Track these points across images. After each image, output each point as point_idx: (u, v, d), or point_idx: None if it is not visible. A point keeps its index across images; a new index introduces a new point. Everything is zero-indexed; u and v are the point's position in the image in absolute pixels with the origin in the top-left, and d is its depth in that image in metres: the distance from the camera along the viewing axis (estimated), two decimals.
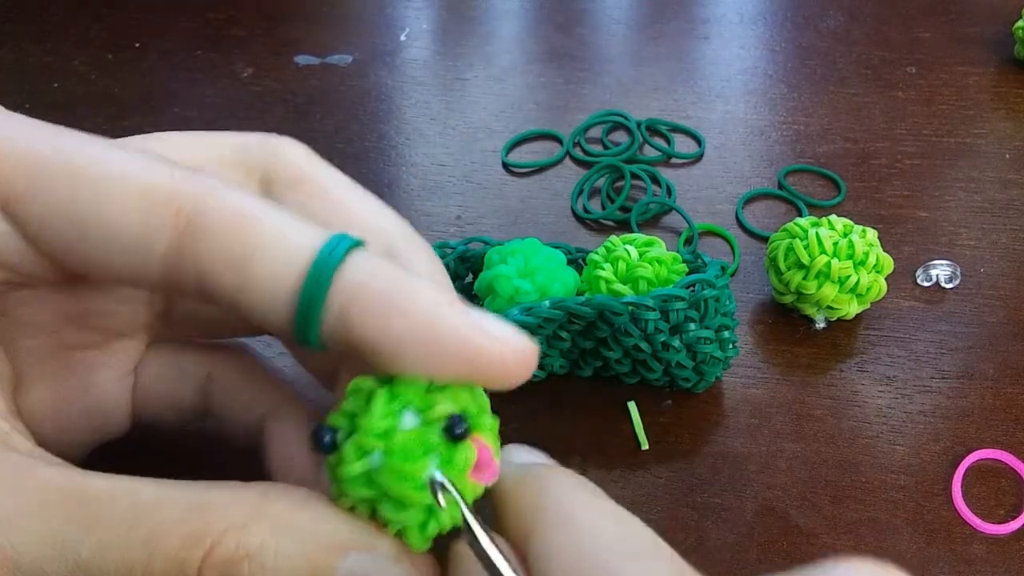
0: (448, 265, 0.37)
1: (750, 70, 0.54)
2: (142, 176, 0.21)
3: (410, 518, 0.19)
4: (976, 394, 0.35)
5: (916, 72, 0.53)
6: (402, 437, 0.19)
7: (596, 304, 0.32)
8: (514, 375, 0.20)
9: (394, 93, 0.53)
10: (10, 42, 0.58)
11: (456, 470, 0.19)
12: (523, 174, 0.47)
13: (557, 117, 0.51)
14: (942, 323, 0.38)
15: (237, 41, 0.57)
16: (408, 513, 0.19)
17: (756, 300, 0.40)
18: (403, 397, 0.19)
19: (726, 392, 0.36)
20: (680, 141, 0.49)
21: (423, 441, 0.19)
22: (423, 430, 0.19)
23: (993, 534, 0.31)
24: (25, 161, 0.20)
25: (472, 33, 0.58)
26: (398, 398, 0.19)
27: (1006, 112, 0.50)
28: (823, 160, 0.47)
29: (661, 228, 0.44)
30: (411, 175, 0.47)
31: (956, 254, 0.41)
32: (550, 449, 0.34)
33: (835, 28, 0.57)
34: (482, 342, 0.20)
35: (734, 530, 0.32)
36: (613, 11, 0.60)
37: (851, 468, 0.33)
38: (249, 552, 0.19)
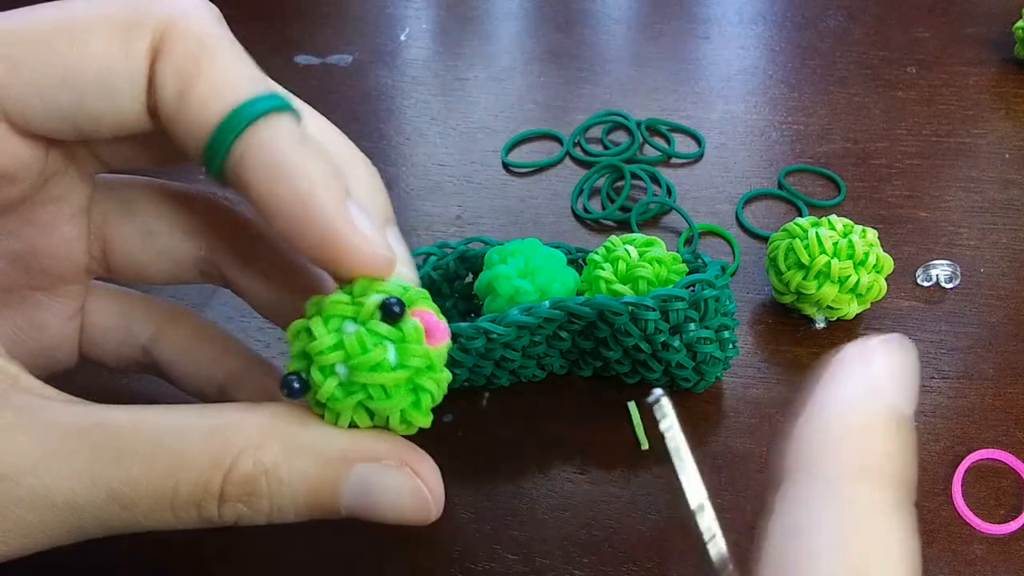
0: (448, 265, 0.37)
1: (750, 70, 0.54)
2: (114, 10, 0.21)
3: (401, 400, 0.21)
4: (976, 394, 0.35)
5: (916, 72, 0.53)
6: (351, 339, 0.20)
7: (596, 304, 0.32)
8: (367, 266, 0.21)
9: (394, 93, 0.53)
10: None
11: (411, 343, 0.21)
12: (523, 174, 0.47)
13: (557, 117, 0.51)
14: (942, 323, 0.38)
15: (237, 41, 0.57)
16: (397, 397, 0.21)
17: (756, 300, 0.40)
18: (336, 315, 0.21)
19: (726, 392, 0.36)
20: (680, 141, 0.49)
21: (372, 332, 0.21)
22: (367, 327, 0.21)
23: (993, 534, 0.31)
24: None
25: (472, 33, 0.58)
26: (332, 318, 0.21)
27: (1006, 112, 0.50)
28: (823, 160, 0.47)
29: (661, 228, 0.44)
30: (411, 175, 0.47)
31: (956, 254, 0.41)
32: (550, 449, 0.34)
33: (835, 28, 0.57)
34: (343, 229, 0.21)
35: (734, 530, 0.32)
36: (613, 11, 0.60)
37: None
38: (266, 468, 0.21)
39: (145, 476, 0.20)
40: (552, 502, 0.32)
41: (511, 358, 0.33)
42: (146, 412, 0.21)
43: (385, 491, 0.22)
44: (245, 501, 0.21)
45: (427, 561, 0.31)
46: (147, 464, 0.20)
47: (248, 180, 0.21)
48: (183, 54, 0.21)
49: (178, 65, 0.21)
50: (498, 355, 0.33)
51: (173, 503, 0.20)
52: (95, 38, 0.21)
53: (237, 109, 0.21)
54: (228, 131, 0.21)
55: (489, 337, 0.32)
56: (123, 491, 0.20)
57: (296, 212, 0.21)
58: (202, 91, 0.21)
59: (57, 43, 0.21)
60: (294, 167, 0.21)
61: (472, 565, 0.31)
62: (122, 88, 0.21)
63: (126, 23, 0.21)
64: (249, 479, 0.20)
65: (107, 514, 0.20)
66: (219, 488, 0.20)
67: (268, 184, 0.21)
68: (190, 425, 0.21)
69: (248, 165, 0.21)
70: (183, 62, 0.21)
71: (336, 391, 0.21)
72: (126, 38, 0.21)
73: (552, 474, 0.33)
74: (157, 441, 0.20)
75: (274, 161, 0.21)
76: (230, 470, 0.20)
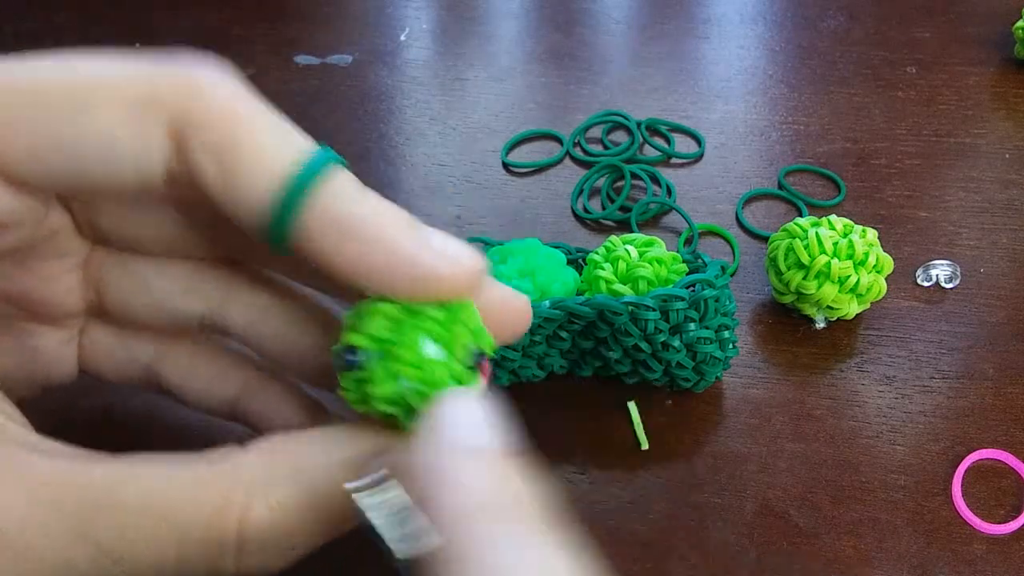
0: None
1: (750, 70, 0.54)
2: (126, 80, 0.20)
3: None
4: (976, 394, 0.35)
5: (916, 72, 0.53)
6: (433, 367, 0.21)
7: (596, 304, 0.32)
8: (462, 288, 0.21)
9: (394, 93, 0.53)
10: (10, 42, 0.58)
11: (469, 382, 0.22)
12: (523, 174, 0.47)
13: (557, 117, 0.51)
14: (942, 323, 0.38)
15: (237, 41, 0.57)
16: None
17: (756, 300, 0.40)
18: (422, 326, 0.21)
19: (726, 392, 0.36)
20: (680, 141, 0.49)
21: (450, 370, 0.21)
22: (449, 361, 0.21)
23: (993, 534, 0.31)
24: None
25: (472, 33, 0.58)
26: (419, 328, 0.21)
27: (1006, 112, 0.50)
28: (823, 160, 0.47)
29: (661, 228, 0.44)
30: (411, 175, 0.47)
31: (956, 254, 0.41)
32: (550, 449, 0.34)
33: (835, 28, 0.57)
34: (431, 261, 0.21)
35: (734, 530, 0.32)
36: (613, 11, 0.60)
37: (851, 468, 0.33)
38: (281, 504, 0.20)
39: (140, 532, 0.19)
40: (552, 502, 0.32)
41: (511, 358, 0.33)
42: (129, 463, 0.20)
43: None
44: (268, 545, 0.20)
45: None
46: (141, 518, 0.19)
47: (323, 242, 0.20)
48: (217, 130, 0.20)
49: (214, 143, 0.20)
50: (498, 355, 0.33)
51: (178, 560, 0.19)
52: (103, 111, 0.20)
53: (294, 177, 0.20)
54: (290, 202, 0.20)
55: None
56: (113, 545, 0.19)
57: (384, 259, 0.20)
58: (248, 167, 0.20)
59: (59, 109, 0.20)
60: (367, 218, 0.20)
61: None
62: (130, 163, 0.20)
63: (139, 97, 0.20)
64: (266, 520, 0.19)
65: (100, 569, 0.19)
66: (235, 537, 0.19)
67: (345, 241, 0.20)
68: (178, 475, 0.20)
69: (320, 229, 0.20)
70: (219, 138, 0.20)
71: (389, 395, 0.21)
72: (140, 115, 0.20)
73: (552, 474, 0.33)
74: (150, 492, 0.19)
75: (347, 217, 0.20)
76: (245, 515, 0.19)
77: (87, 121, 0.20)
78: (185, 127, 0.20)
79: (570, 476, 0.33)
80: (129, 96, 0.20)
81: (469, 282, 0.21)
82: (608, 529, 0.32)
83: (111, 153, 0.20)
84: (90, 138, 0.20)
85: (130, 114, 0.20)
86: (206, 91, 0.20)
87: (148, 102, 0.20)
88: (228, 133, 0.20)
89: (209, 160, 0.20)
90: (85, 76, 0.20)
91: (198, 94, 0.20)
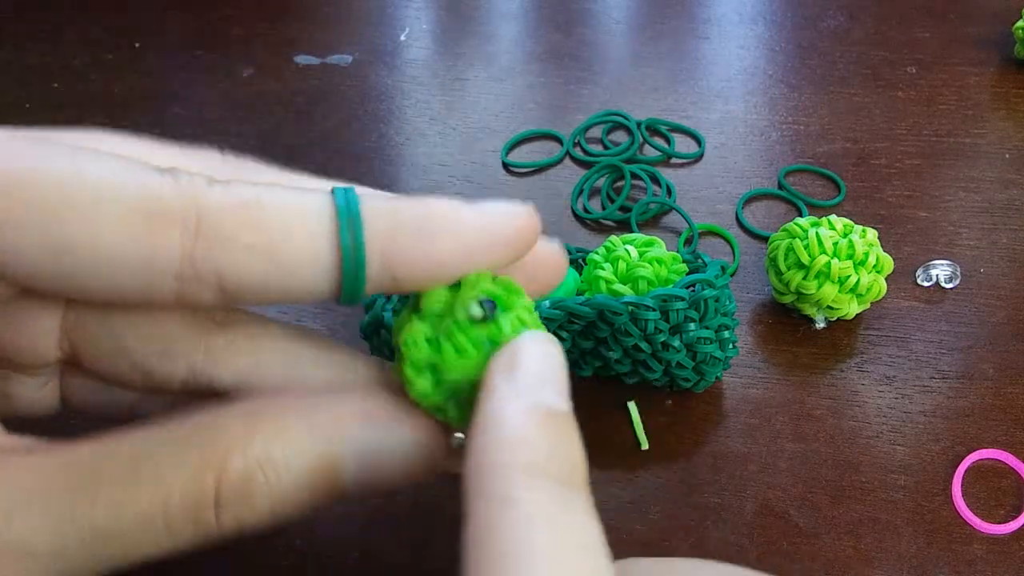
0: None
1: (750, 70, 0.54)
2: (130, 188, 0.19)
3: None
4: (976, 394, 0.35)
5: (916, 72, 0.53)
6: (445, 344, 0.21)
7: (596, 304, 0.32)
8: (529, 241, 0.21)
9: (394, 93, 0.53)
10: (10, 42, 0.58)
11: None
12: (523, 174, 0.47)
13: (557, 117, 0.51)
14: (942, 323, 0.38)
15: (237, 41, 0.57)
16: None
17: (756, 300, 0.40)
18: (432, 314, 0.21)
19: (726, 392, 0.36)
20: (680, 141, 0.49)
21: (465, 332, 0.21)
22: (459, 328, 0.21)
23: (993, 534, 0.31)
24: None
25: (472, 33, 0.58)
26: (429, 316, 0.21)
27: (1006, 112, 0.50)
28: (823, 160, 0.47)
29: (661, 228, 0.44)
30: (411, 175, 0.47)
31: (956, 254, 0.41)
32: None
33: (835, 28, 0.57)
34: (501, 228, 0.21)
35: (734, 530, 0.32)
36: (613, 11, 0.60)
37: (851, 468, 0.33)
38: (260, 460, 0.19)
39: (127, 502, 0.19)
40: None
41: None
42: (116, 437, 0.20)
43: (387, 448, 0.21)
44: (245, 502, 0.19)
45: (427, 562, 0.31)
46: (127, 489, 0.19)
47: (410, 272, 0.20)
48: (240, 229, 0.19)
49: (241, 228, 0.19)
50: None
51: (166, 523, 0.19)
52: (104, 221, 0.18)
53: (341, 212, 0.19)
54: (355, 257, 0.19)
55: None
56: (106, 524, 0.19)
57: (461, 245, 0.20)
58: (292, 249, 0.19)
59: (61, 214, 0.18)
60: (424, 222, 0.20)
61: None
62: (135, 275, 0.19)
63: (147, 208, 0.18)
64: (245, 476, 0.19)
65: (94, 552, 0.19)
66: (213, 494, 0.19)
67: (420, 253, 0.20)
68: (167, 438, 0.19)
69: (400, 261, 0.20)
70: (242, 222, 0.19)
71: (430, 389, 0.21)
72: (148, 226, 0.18)
73: None
74: (133, 463, 0.19)
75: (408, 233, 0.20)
76: (222, 472, 0.19)
77: (89, 232, 0.18)
78: (202, 231, 0.19)
79: None
80: (136, 205, 0.18)
81: (534, 233, 0.21)
82: (608, 529, 0.32)
83: (114, 266, 0.19)
84: (88, 249, 0.18)
85: (140, 228, 0.18)
86: (209, 190, 0.19)
87: (157, 210, 0.19)
88: (249, 219, 0.19)
89: (240, 254, 0.19)
90: (89, 176, 0.18)
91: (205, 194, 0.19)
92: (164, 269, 0.19)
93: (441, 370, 0.21)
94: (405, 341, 0.21)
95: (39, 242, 0.18)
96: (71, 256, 0.18)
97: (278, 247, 0.19)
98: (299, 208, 0.19)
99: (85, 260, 0.18)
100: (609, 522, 0.32)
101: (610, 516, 0.32)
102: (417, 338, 0.21)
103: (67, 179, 0.18)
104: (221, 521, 0.19)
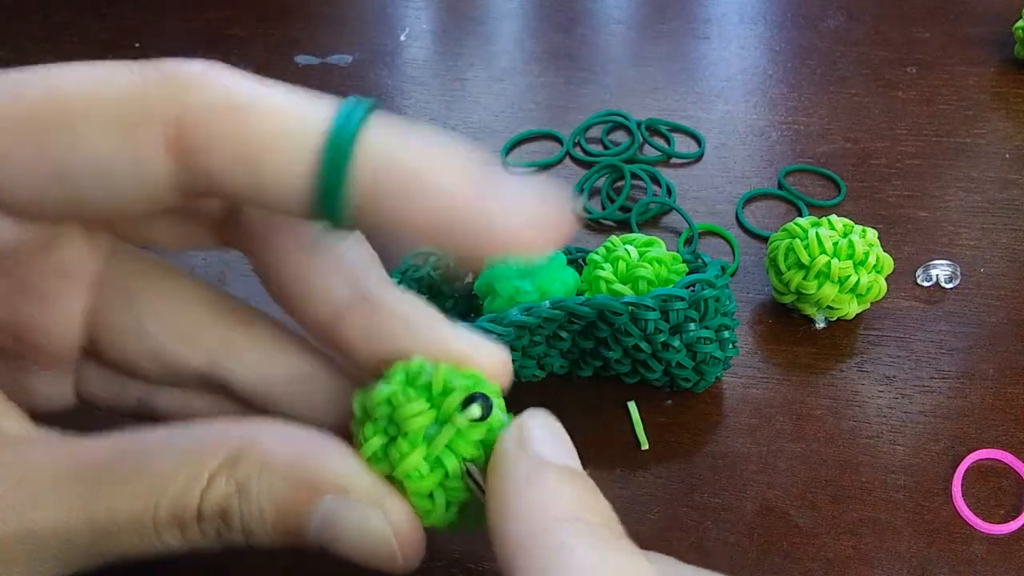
0: (449, 265, 0.37)
1: (750, 70, 0.54)
2: (112, 97, 0.18)
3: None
4: (976, 394, 0.35)
5: (916, 72, 0.53)
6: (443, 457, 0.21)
7: (596, 304, 0.32)
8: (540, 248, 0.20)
9: (394, 93, 0.53)
10: (10, 42, 0.58)
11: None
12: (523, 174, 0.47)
13: (557, 117, 0.51)
14: (942, 323, 0.38)
15: (237, 41, 0.57)
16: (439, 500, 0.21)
17: (756, 300, 0.40)
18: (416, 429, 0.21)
19: (726, 392, 0.36)
20: (680, 141, 0.49)
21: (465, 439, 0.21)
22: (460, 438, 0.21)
23: (993, 534, 0.31)
24: None
25: (472, 33, 0.58)
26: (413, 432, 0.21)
27: (1006, 112, 0.50)
28: (823, 160, 0.47)
29: (661, 228, 0.44)
30: None
31: (956, 254, 0.41)
32: None
33: (835, 28, 0.57)
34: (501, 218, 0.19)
35: (734, 530, 0.32)
36: (613, 11, 0.60)
37: (851, 468, 0.33)
38: (239, 486, 0.20)
39: (125, 501, 0.19)
40: None
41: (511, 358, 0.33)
42: (129, 436, 0.20)
43: (351, 528, 0.20)
44: (222, 519, 0.20)
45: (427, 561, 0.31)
46: (127, 489, 0.20)
47: (380, 211, 0.18)
48: (227, 131, 0.18)
49: (230, 147, 0.18)
50: None
51: (155, 526, 0.20)
52: (91, 133, 0.18)
53: (327, 147, 0.18)
54: (333, 176, 0.18)
55: None
56: (106, 518, 0.19)
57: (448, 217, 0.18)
58: (271, 155, 0.18)
59: (47, 135, 0.18)
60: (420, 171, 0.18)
61: (472, 565, 0.31)
62: (130, 183, 0.19)
63: (128, 111, 0.18)
64: (223, 497, 0.20)
65: (95, 543, 0.20)
66: (196, 509, 0.20)
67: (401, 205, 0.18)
68: (170, 445, 0.20)
69: (373, 196, 0.18)
70: (233, 141, 0.18)
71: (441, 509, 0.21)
72: (129, 130, 0.18)
73: None
74: (137, 464, 0.20)
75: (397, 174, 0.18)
76: (207, 488, 0.20)
77: (77, 148, 0.18)
78: (184, 134, 0.18)
79: None
80: (116, 113, 0.18)
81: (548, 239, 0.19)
82: None
83: (108, 177, 0.19)
84: (83, 164, 0.18)
85: (120, 133, 0.18)
86: (197, 88, 0.18)
87: (137, 115, 0.18)
88: (238, 125, 0.18)
89: (227, 160, 0.18)
90: (68, 96, 0.18)
91: (189, 94, 0.18)
92: (157, 173, 0.19)
93: (446, 486, 0.21)
94: (407, 474, 0.20)
95: (38, 169, 0.18)
96: (70, 173, 0.18)
97: (256, 163, 0.18)
98: (291, 122, 0.19)
99: (85, 176, 0.18)
100: None
101: None
102: (419, 468, 0.20)
103: (45, 101, 0.18)
104: (205, 532, 0.20)
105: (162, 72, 0.19)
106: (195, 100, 0.18)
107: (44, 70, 0.19)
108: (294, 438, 0.21)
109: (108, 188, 0.19)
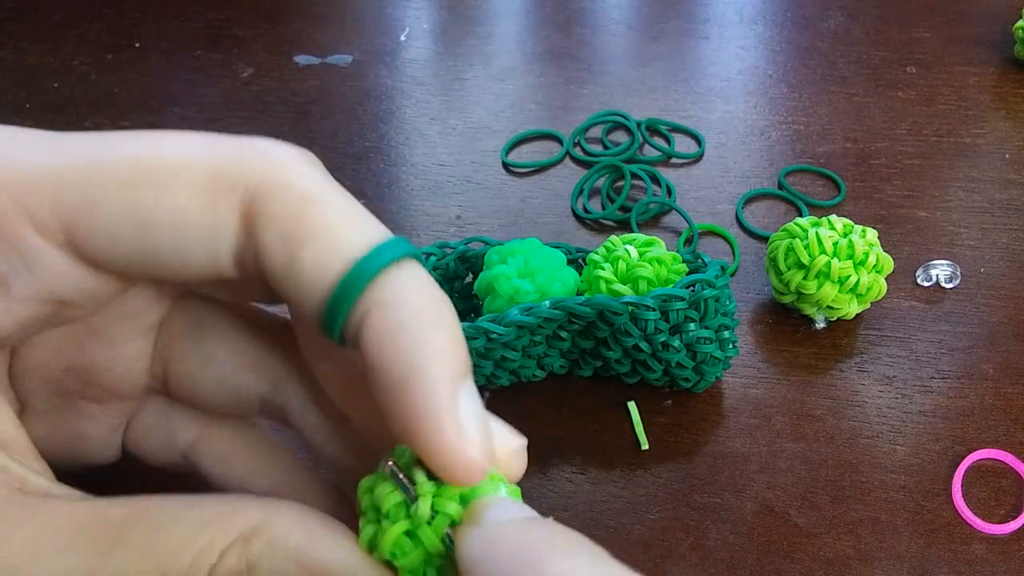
0: (448, 265, 0.37)
1: (750, 70, 0.54)
2: (202, 161, 0.20)
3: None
4: (976, 394, 0.35)
5: (916, 72, 0.53)
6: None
7: (596, 304, 0.32)
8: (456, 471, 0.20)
9: (394, 93, 0.53)
10: (10, 42, 0.58)
11: None
12: (523, 174, 0.47)
13: (557, 117, 0.51)
14: (942, 323, 0.38)
15: (237, 41, 0.57)
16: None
17: (756, 300, 0.40)
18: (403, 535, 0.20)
19: (726, 392, 0.36)
20: (680, 141, 0.49)
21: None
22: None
23: (993, 534, 0.31)
24: (74, 178, 0.20)
25: (472, 33, 0.58)
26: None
27: (1006, 112, 0.50)
28: (823, 160, 0.47)
29: (661, 228, 0.44)
30: (411, 175, 0.47)
31: (956, 254, 0.41)
32: (550, 449, 0.34)
33: (835, 28, 0.57)
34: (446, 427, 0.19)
35: (734, 530, 0.32)
36: (613, 11, 0.60)
37: (851, 468, 0.33)
38: (250, 565, 0.20)
39: (135, 569, 0.20)
40: (552, 502, 0.32)
41: (511, 358, 0.33)
42: (148, 502, 0.20)
43: None
44: None
45: None
46: (139, 556, 0.20)
47: (364, 344, 0.19)
48: (286, 214, 0.19)
49: (282, 228, 0.19)
50: (498, 355, 0.33)
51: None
52: (177, 191, 0.19)
53: (355, 268, 0.19)
54: (346, 295, 0.19)
55: (489, 337, 0.32)
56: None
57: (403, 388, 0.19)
58: (312, 255, 0.19)
59: (136, 189, 0.19)
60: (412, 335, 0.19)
61: None
62: (202, 246, 0.20)
63: (214, 175, 0.20)
64: (234, 574, 0.20)
65: None
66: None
67: (381, 349, 0.19)
68: (185, 515, 0.20)
69: (368, 327, 0.19)
70: (287, 224, 0.19)
71: None
72: (212, 194, 0.19)
73: (552, 474, 0.33)
74: (150, 534, 0.20)
75: (393, 324, 0.19)
76: (217, 563, 0.20)
77: (162, 204, 0.19)
78: (255, 207, 0.19)
79: (570, 476, 0.33)
80: (204, 175, 0.19)
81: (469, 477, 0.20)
82: (608, 529, 0.32)
83: (184, 235, 0.20)
84: (164, 219, 0.19)
85: (204, 194, 0.19)
86: (279, 170, 0.20)
87: (221, 180, 0.19)
88: (297, 213, 0.19)
89: (275, 239, 0.19)
90: (163, 154, 0.20)
91: (271, 172, 0.20)
92: (225, 236, 0.20)
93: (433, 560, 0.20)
94: (392, 554, 0.20)
95: (122, 219, 0.19)
96: (150, 225, 0.19)
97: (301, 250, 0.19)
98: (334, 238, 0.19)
99: (163, 227, 0.20)
100: (609, 522, 0.32)
101: (610, 516, 0.32)
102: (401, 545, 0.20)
103: (139, 157, 0.20)
104: None
105: (254, 148, 0.20)
106: (275, 180, 0.20)
107: (140, 132, 0.20)
108: (306, 522, 0.21)
109: (180, 245, 0.20)
